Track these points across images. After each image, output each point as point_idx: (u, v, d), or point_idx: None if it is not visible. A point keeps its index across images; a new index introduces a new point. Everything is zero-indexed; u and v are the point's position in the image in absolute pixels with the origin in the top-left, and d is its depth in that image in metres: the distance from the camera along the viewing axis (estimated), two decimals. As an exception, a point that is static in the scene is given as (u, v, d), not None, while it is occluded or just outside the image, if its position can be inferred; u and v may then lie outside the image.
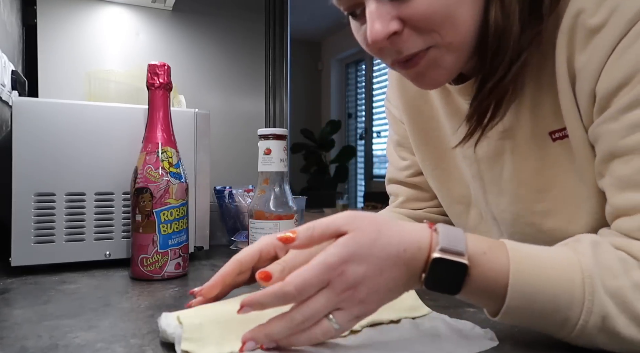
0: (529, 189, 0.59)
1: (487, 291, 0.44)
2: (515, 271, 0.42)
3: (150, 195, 0.73)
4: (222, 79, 1.44)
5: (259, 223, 0.70)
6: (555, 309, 0.42)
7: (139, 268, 0.73)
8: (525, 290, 0.42)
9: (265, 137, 0.70)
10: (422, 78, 0.56)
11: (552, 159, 0.56)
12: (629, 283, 0.42)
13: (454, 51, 0.53)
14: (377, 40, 0.50)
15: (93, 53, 1.27)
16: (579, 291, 0.42)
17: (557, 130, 0.54)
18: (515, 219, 0.62)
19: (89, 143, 0.81)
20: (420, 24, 0.50)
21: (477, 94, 0.55)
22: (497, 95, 0.54)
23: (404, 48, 0.52)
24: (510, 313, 0.43)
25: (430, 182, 0.75)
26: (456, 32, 0.51)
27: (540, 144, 0.56)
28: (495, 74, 0.52)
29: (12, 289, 0.68)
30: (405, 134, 0.77)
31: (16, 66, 1.13)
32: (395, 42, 0.52)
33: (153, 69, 0.76)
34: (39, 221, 0.78)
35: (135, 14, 1.33)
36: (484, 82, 0.54)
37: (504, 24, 0.50)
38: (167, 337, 0.45)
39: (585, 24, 0.48)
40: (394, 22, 0.50)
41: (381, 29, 0.50)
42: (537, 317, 0.43)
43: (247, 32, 1.48)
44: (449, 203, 0.73)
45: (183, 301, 0.62)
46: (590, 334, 0.42)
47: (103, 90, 1.08)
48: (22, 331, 0.50)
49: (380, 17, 0.50)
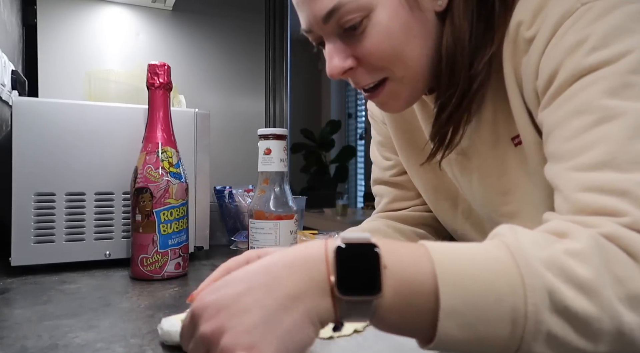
0: (494, 192, 0.62)
1: (412, 293, 0.34)
2: (440, 262, 0.35)
3: (150, 195, 0.73)
4: (222, 79, 1.44)
5: (259, 223, 0.70)
6: (498, 299, 0.34)
7: (139, 268, 0.73)
8: (457, 282, 0.34)
9: (265, 137, 0.70)
10: (384, 106, 0.62)
11: (513, 164, 0.59)
12: (560, 250, 0.36)
13: (407, 83, 0.58)
14: (334, 75, 0.57)
15: (93, 53, 1.27)
16: (512, 268, 0.34)
17: (517, 136, 0.58)
18: (487, 220, 0.66)
19: (89, 142, 0.81)
20: (372, 62, 0.56)
21: (436, 120, 0.59)
22: (453, 122, 0.58)
23: (360, 81, 0.58)
24: (448, 323, 0.34)
25: (415, 181, 0.77)
26: (407, 68, 0.56)
27: (502, 149, 0.60)
28: (450, 103, 0.57)
29: (12, 289, 0.68)
30: (387, 134, 0.80)
31: (16, 66, 1.13)
32: (352, 76, 0.58)
33: (153, 69, 0.76)
34: (39, 221, 0.78)
35: (135, 14, 1.33)
36: (442, 109, 0.58)
37: (455, 49, 0.55)
38: (172, 338, 0.45)
39: (524, 35, 0.52)
40: (349, 60, 0.56)
41: (337, 64, 0.56)
42: (480, 324, 0.34)
43: (247, 32, 1.48)
44: (435, 200, 0.75)
45: (183, 301, 0.62)
46: (544, 321, 0.33)
47: (103, 90, 1.08)
48: (22, 331, 0.50)
49: (337, 54, 0.56)
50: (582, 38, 0.46)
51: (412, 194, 0.80)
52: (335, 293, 0.34)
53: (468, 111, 0.57)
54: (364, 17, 0.53)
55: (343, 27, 0.54)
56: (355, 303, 0.34)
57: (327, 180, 4.99)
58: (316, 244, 0.37)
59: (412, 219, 0.80)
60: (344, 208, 3.43)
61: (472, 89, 0.55)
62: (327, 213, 3.46)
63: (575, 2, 0.48)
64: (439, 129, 0.59)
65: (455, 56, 0.55)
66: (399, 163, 0.79)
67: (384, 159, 0.83)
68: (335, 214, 3.39)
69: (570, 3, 0.48)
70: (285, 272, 0.35)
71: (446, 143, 0.60)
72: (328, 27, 0.55)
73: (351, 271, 0.34)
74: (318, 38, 0.59)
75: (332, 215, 3.38)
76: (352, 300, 0.34)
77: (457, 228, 0.74)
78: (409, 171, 0.77)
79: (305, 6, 0.56)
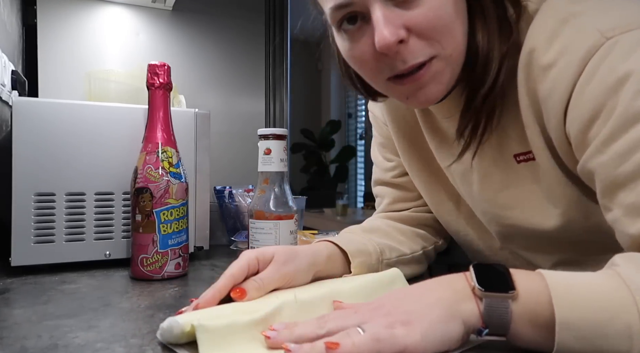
0: (494, 205, 0.63)
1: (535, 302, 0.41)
2: (551, 278, 0.41)
3: (150, 195, 0.73)
4: (222, 79, 1.44)
5: (259, 223, 0.70)
6: (612, 316, 0.39)
7: (139, 268, 0.73)
8: (570, 298, 0.40)
9: (265, 137, 0.70)
10: (419, 93, 0.55)
11: (515, 180, 0.60)
12: None
13: (452, 63, 0.54)
14: (389, 46, 0.50)
15: (93, 53, 1.27)
16: (625, 291, 0.39)
17: (521, 153, 0.58)
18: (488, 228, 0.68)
19: (89, 143, 0.81)
20: (426, 32, 0.51)
21: (467, 108, 0.57)
22: (488, 107, 0.56)
23: (410, 57, 0.52)
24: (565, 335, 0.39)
25: (417, 183, 0.77)
26: (455, 44, 0.53)
27: (504, 165, 0.60)
28: (484, 86, 0.55)
29: (12, 289, 0.68)
30: (388, 135, 0.79)
31: (16, 66, 1.13)
32: (401, 51, 0.51)
33: (153, 69, 0.76)
34: (39, 221, 0.78)
35: (135, 14, 1.33)
36: (472, 96, 0.56)
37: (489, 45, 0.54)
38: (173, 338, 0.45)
39: (538, 62, 0.52)
40: (402, 30, 0.50)
41: (390, 34, 0.49)
42: (596, 338, 0.39)
43: (247, 32, 1.48)
44: (438, 202, 0.75)
45: (183, 301, 0.62)
46: None
47: (103, 90, 1.08)
48: (22, 331, 0.50)
49: (389, 23, 0.50)
50: (622, 76, 0.46)
51: (413, 196, 0.80)
52: (476, 291, 0.42)
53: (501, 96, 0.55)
54: None
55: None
56: (494, 302, 0.41)
57: (327, 180, 4.99)
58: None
59: (412, 220, 0.80)
60: (344, 208, 3.43)
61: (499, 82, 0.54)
62: (327, 213, 3.46)
63: (599, 36, 0.48)
64: (472, 115, 0.57)
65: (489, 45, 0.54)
66: (400, 164, 0.79)
67: (385, 160, 0.83)
68: (335, 214, 3.39)
69: (593, 37, 0.48)
70: (434, 286, 0.45)
71: (480, 132, 0.57)
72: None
73: (488, 275, 0.43)
74: (361, 8, 0.52)
75: (332, 215, 3.37)
76: (491, 296, 0.41)
77: (460, 229, 0.74)
78: (410, 173, 0.77)
79: None
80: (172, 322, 0.45)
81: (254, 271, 0.55)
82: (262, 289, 0.53)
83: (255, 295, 0.52)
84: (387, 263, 0.69)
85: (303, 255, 0.59)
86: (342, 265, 0.65)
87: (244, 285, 0.53)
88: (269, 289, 0.54)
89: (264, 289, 0.54)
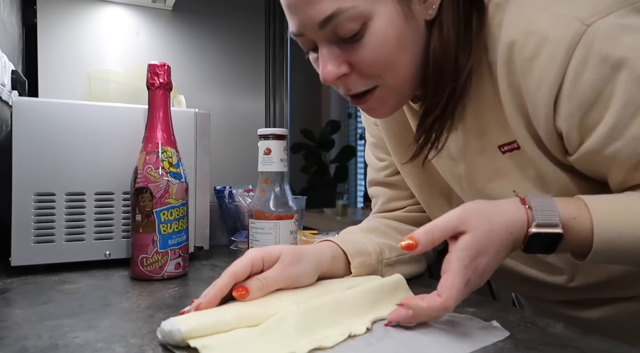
0: (483, 197, 0.63)
1: (576, 247, 0.52)
2: (599, 231, 0.49)
3: (150, 195, 0.73)
4: (222, 79, 1.44)
5: (259, 223, 0.70)
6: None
7: (139, 268, 0.73)
8: (609, 245, 0.49)
9: (265, 137, 0.70)
10: (371, 112, 0.63)
11: (503, 170, 0.61)
12: None
13: (396, 90, 0.59)
14: (328, 80, 0.57)
15: (93, 53, 1.27)
16: None
17: (505, 144, 0.60)
18: None
19: (89, 143, 0.81)
20: (367, 70, 0.56)
21: (420, 124, 0.61)
22: (438, 126, 0.60)
23: (352, 88, 0.59)
24: (597, 257, 0.50)
25: (408, 180, 0.77)
26: (397, 76, 0.57)
27: (489, 157, 0.61)
28: (435, 108, 0.58)
29: (12, 289, 0.68)
30: (379, 135, 0.80)
31: (16, 66, 1.13)
32: (345, 82, 0.58)
33: (153, 69, 0.76)
34: (39, 221, 0.78)
35: (135, 14, 1.33)
36: (427, 113, 0.60)
37: (442, 56, 0.56)
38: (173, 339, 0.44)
39: (520, 55, 0.53)
40: (343, 66, 0.57)
41: (332, 70, 0.56)
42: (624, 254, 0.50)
43: (247, 32, 1.48)
44: (429, 199, 0.75)
45: (183, 301, 0.62)
46: None
47: (103, 90, 1.08)
48: (22, 331, 0.50)
49: (331, 60, 0.56)
50: (615, 64, 0.48)
51: (407, 194, 0.81)
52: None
53: (452, 116, 0.60)
54: (362, 25, 0.53)
55: (340, 34, 0.54)
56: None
57: (327, 180, 4.98)
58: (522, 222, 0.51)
59: (408, 219, 0.80)
60: (344, 208, 3.42)
61: (456, 95, 0.57)
62: (327, 213, 3.46)
63: (579, 24, 0.49)
64: (422, 132, 0.61)
65: (442, 62, 0.56)
66: (393, 163, 0.80)
67: (377, 160, 0.83)
68: (335, 214, 3.38)
69: (573, 26, 0.49)
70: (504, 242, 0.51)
71: (429, 146, 0.62)
72: (323, 33, 0.55)
73: (535, 249, 0.52)
74: (310, 43, 0.58)
75: (332, 215, 3.37)
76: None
77: None
78: (401, 170, 0.77)
79: (300, 10, 0.55)
80: (174, 327, 0.44)
81: (258, 270, 0.54)
82: (265, 289, 0.53)
83: (258, 294, 0.52)
84: (387, 263, 0.69)
85: (309, 257, 0.59)
86: (344, 266, 0.65)
87: (247, 284, 0.52)
88: (272, 289, 0.54)
89: (267, 289, 0.53)
